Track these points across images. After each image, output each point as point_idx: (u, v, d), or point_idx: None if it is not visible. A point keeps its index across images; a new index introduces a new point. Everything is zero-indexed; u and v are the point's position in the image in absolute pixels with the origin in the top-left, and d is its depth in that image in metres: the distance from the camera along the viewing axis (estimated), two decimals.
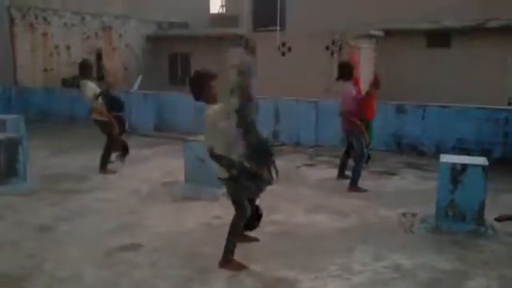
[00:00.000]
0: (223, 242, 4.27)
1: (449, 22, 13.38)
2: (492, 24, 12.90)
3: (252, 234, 4.90)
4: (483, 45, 13.05)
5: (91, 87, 7.56)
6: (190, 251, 4.70)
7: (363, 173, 7.05)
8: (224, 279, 4.10)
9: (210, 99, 4.25)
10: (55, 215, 5.74)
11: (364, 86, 7.56)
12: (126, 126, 8.21)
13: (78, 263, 4.41)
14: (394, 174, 7.89)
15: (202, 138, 4.87)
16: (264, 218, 5.62)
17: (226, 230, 4.30)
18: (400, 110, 9.28)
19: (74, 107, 12.69)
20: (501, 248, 4.84)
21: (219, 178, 4.33)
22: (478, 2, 13.17)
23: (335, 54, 11.99)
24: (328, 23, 13.07)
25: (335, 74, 7.33)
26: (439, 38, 13.96)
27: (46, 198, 6.45)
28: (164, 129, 11.86)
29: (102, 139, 7.80)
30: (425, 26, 13.71)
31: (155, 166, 8.37)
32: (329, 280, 4.14)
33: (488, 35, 12.97)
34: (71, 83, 14.36)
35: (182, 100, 11.40)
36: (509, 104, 12.28)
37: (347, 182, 6.99)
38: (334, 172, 7.63)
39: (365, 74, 12.42)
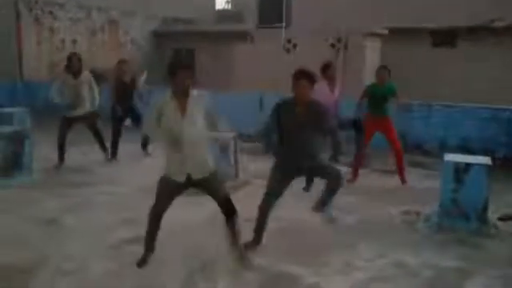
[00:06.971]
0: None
1: (455, 22, 13.34)
2: (498, 24, 12.86)
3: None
4: (489, 45, 13.01)
5: None
6: (196, 245, 4.70)
7: (367, 170, 7.03)
8: (229, 273, 4.13)
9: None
10: (60, 208, 5.78)
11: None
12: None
13: (84, 255, 4.45)
14: None
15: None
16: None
17: None
18: (405, 108, 9.25)
19: None
20: (503, 247, 4.86)
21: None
22: (485, 1, 13.12)
23: (341, 52, 11.95)
24: (334, 20, 13.05)
25: (340, 72, 7.30)
26: (445, 38, 13.93)
27: (51, 190, 6.49)
28: None
29: (108, 132, 8.15)
30: (430, 24, 13.67)
31: (160, 160, 8.37)
32: (332, 275, 4.18)
33: (494, 35, 12.93)
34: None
35: None
36: None
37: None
38: None
39: (370, 72, 12.40)
